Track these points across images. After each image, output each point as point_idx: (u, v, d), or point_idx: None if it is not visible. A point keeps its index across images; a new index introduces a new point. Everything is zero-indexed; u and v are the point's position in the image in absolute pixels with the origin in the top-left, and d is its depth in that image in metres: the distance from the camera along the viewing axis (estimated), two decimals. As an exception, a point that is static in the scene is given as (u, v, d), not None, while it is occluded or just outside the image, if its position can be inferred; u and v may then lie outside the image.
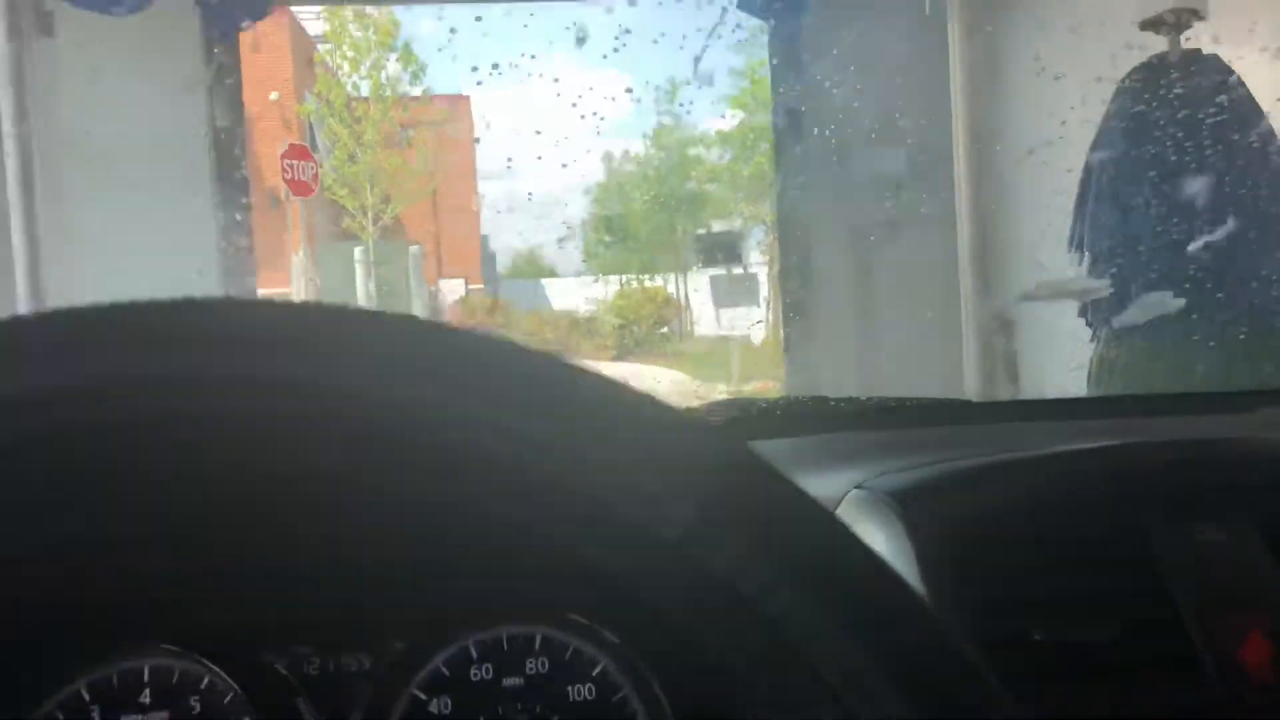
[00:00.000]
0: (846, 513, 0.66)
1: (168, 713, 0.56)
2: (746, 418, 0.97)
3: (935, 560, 0.59)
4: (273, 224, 4.94)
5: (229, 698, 0.57)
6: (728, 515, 0.35)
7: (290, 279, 4.88)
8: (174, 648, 0.57)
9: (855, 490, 0.67)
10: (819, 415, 1.05)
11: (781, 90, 3.36)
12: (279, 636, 0.58)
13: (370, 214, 5.74)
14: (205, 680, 0.57)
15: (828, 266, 3.40)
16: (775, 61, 3.38)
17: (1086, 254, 2.00)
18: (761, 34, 3.46)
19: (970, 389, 2.84)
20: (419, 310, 5.55)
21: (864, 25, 3.03)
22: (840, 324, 3.41)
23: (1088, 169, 2.01)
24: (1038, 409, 1.26)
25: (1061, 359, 2.38)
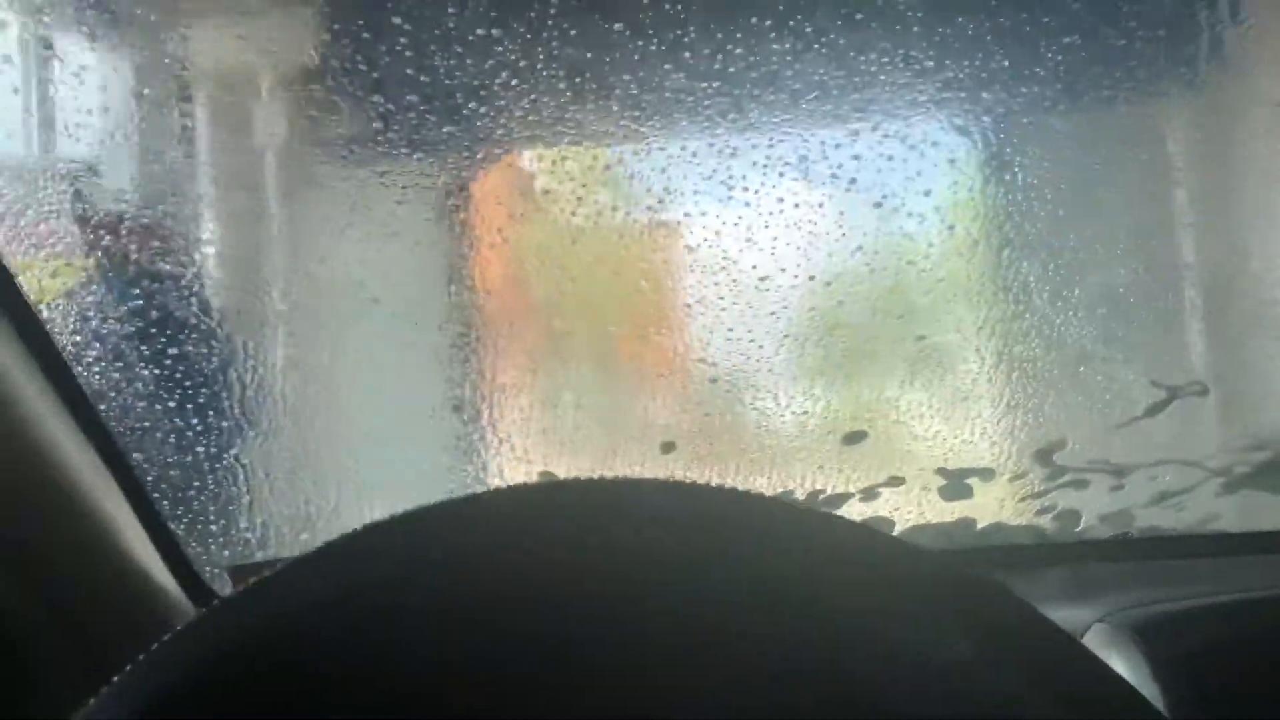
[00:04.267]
0: (1090, 645, 0.67)
1: None
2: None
3: (1179, 700, 0.59)
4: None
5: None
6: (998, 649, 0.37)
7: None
8: None
9: (1099, 624, 0.68)
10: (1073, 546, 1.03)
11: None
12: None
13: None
14: None
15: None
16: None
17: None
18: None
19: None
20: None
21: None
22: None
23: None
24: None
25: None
